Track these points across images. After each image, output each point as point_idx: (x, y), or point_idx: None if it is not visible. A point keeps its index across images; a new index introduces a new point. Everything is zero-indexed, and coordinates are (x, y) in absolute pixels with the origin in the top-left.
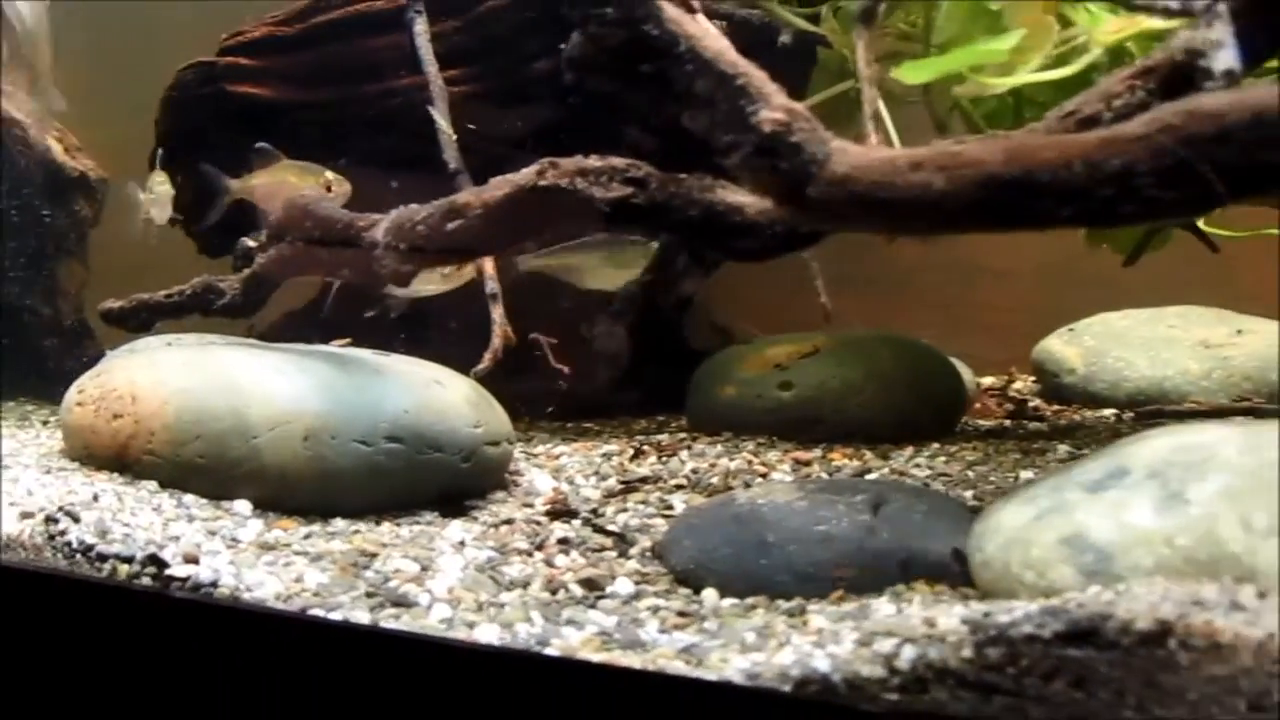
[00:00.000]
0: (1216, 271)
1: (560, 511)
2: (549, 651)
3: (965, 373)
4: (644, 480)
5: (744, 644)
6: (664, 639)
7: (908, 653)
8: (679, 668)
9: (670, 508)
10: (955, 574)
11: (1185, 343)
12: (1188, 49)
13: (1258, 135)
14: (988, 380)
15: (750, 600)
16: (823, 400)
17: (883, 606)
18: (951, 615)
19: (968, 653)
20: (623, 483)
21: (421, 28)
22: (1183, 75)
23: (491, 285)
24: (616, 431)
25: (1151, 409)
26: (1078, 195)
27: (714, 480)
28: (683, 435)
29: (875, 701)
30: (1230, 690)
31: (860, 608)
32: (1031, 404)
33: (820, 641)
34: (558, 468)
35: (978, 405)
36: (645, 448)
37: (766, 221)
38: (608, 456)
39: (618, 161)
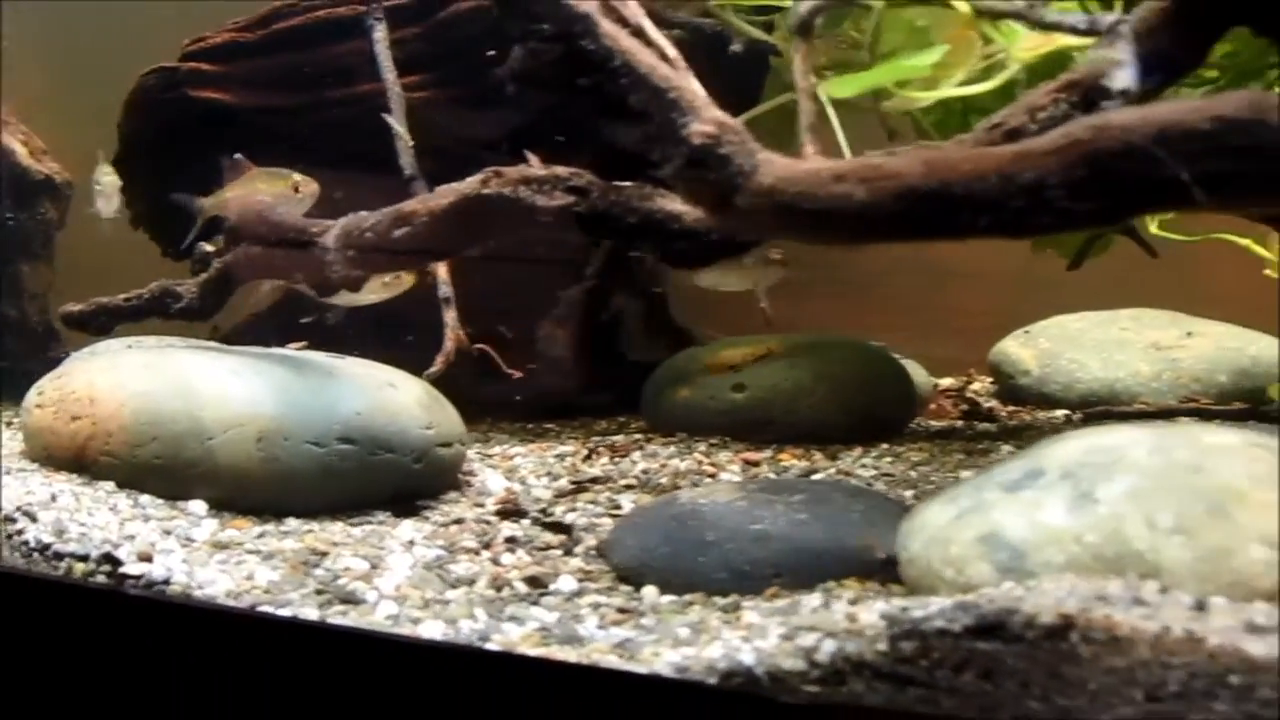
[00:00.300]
0: (1196, 274)
1: (510, 511)
2: (489, 646)
3: (920, 374)
4: (595, 480)
5: (677, 639)
6: (601, 634)
7: (828, 646)
8: (612, 662)
9: (618, 507)
10: (886, 572)
11: (1137, 345)
12: (1092, 67)
13: (1163, 150)
14: (946, 381)
15: (688, 597)
16: (774, 402)
17: (813, 602)
18: (873, 611)
19: (883, 646)
20: (574, 483)
21: (381, 34)
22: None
23: (444, 289)
24: (575, 433)
25: (1100, 410)
26: (993, 206)
27: (663, 480)
28: (638, 436)
29: (795, 694)
30: (1128, 681)
31: (791, 604)
32: (987, 405)
33: (749, 636)
34: (511, 468)
35: (933, 406)
36: (599, 449)
37: (702, 229)
38: (561, 457)
39: (561, 170)
